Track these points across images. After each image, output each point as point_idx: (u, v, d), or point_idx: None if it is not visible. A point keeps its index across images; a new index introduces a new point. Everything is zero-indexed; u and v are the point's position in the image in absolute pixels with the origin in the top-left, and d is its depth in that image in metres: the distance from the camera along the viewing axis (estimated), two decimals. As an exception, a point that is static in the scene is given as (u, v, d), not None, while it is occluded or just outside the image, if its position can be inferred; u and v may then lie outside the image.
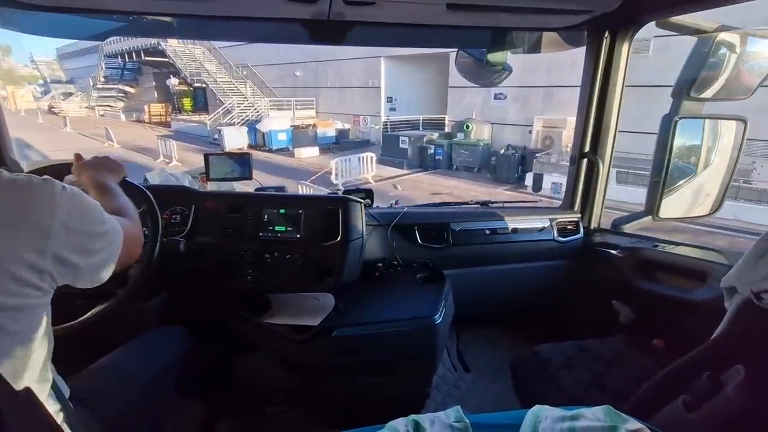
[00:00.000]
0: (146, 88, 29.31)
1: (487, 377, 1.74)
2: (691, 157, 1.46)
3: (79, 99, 33.85)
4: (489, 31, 1.48)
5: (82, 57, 32.61)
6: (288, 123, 16.36)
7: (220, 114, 18.86)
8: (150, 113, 25.90)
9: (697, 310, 1.24)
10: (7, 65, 55.64)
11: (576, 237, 1.70)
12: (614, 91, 1.54)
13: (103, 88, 30.11)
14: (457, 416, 0.65)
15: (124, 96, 31.07)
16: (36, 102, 36.78)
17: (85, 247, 0.66)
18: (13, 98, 36.14)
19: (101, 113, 30.38)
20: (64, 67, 41.24)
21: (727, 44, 1.25)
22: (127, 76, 29.86)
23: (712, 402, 0.67)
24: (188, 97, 26.01)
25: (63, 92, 36.86)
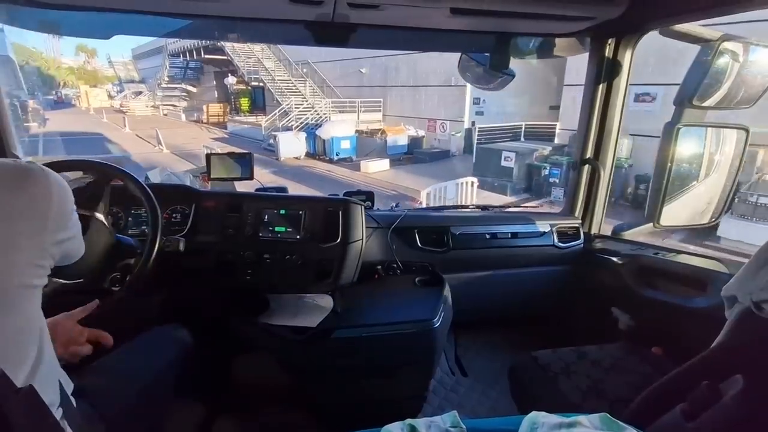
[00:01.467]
0: (207, 87, 28.84)
1: (485, 382, 1.74)
2: (692, 165, 1.46)
3: (145, 98, 34.45)
4: (492, 36, 1.49)
5: (153, 57, 32.66)
6: (353, 128, 14.13)
7: (277, 116, 17.14)
8: (208, 113, 25.49)
9: (697, 319, 1.24)
10: (91, 67, 60.45)
11: (576, 243, 1.70)
12: (617, 97, 1.54)
13: (167, 87, 30.38)
14: (453, 421, 0.64)
15: (187, 95, 31.08)
16: (110, 101, 38.15)
17: (67, 222, 0.69)
18: (86, 97, 37.70)
19: (164, 112, 30.74)
20: (137, 67, 42.47)
21: (730, 53, 1.25)
22: (190, 76, 29.74)
23: (710, 411, 0.67)
24: (246, 97, 25.06)
25: (134, 91, 37.61)
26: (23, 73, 51.62)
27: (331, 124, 14.26)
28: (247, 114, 23.85)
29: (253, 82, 20.87)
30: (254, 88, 22.89)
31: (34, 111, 24.90)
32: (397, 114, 16.15)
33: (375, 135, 14.31)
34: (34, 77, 51.53)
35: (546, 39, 1.59)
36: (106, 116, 27.05)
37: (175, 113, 29.43)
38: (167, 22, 1.37)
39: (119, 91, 40.68)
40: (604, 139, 1.59)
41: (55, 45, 55.65)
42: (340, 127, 13.91)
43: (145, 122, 24.24)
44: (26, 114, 22.50)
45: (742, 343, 0.76)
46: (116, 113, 30.16)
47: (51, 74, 54.88)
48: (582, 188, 1.69)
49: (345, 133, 13.57)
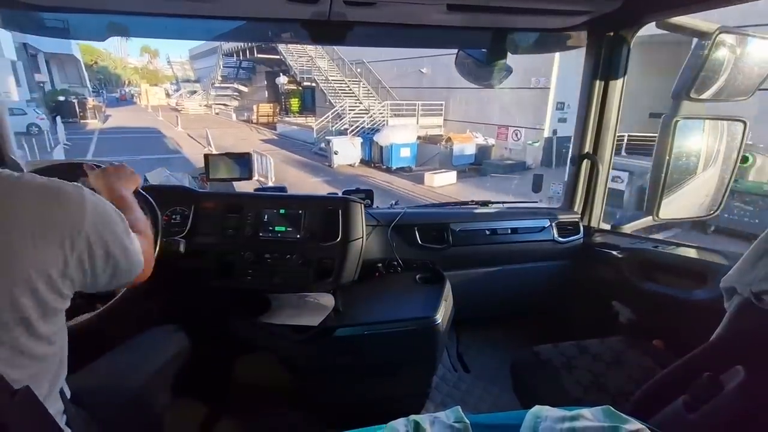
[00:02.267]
0: (258, 87, 28.34)
1: (487, 378, 1.74)
2: (691, 158, 1.46)
3: (199, 97, 34.82)
4: (489, 31, 1.49)
5: (209, 57, 32.86)
6: (414, 135, 12.47)
7: (329, 119, 15.91)
8: (258, 113, 25.11)
9: (697, 311, 1.24)
10: (153, 67, 65.24)
11: (576, 237, 1.70)
12: (614, 91, 1.54)
13: (220, 86, 30.35)
14: (457, 416, 0.65)
15: (238, 95, 30.99)
16: (167, 99, 39.26)
17: (107, 257, 0.66)
18: (145, 95, 38.93)
19: (216, 111, 30.85)
20: (193, 67, 43.19)
21: (727, 45, 1.25)
22: (242, 75, 29.45)
23: (712, 403, 0.67)
24: (296, 97, 24.58)
25: (189, 90, 38.21)
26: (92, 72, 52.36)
27: (391, 129, 12.61)
28: (297, 115, 23.47)
29: (305, 82, 19.76)
30: (305, 88, 22.25)
31: (96, 108, 25.26)
32: (460, 119, 14.46)
33: (438, 142, 12.57)
34: (102, 76, 55.37)
35: (543, 34, 1.59)
36: (161, 114, 27.21)
37: (226, 112, 29.72)
38: (164, 23, 1.37)
39: (176, 90, 41.71)
40: (602, 133, 1.60)
41: (123, 46, 60.70)
42: (401, 132, 12.18)
43: (198, 121, 24.12)
44: (84, 111, 22.96)
45: (742, 333, 0.76)
46: (171, 111, 30.46)
47: (117, 73, 59.40)
48: (581, 183, 1.69)
49: (405, 140, 11.96)
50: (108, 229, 0.66)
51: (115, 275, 0.70)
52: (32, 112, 16.83)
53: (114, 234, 0.67)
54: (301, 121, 20.20)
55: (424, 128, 14.64)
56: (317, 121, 16.69)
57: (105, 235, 0.65)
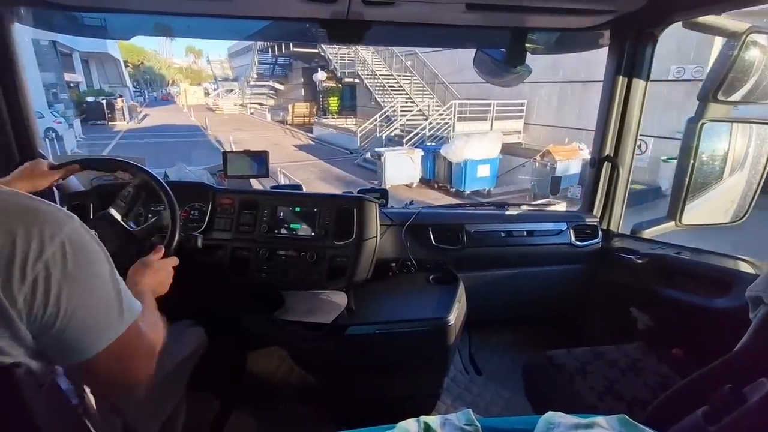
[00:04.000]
0: (294, 85, 26.33)
1: (499, 381, 1.72)
2: (717, 162, 1.41)
3: (235, 96, 34.46)
4: (508, 31, 1.47)
5: (246, 54, 30.89)
6: (497, 147, 9.19)
7: (377, 123, 13.17)
8: (293, 114, 22.90)
9: (719, 320, 1.20)
10: (197, 66, 67.52)
11: (594, 241, 1.67)
12: (637, 93, 1.50)
13: (255, 84, 29.05)
14: (468, 419, 0.64)
15: (274, 93, 29.53)
16: (205, 99, 39.47)
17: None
18: (184, 95, 39.20)
19: (251, 111, 30.03)
20: (232, 65, 43.18)
21: (758, 45, 1.20)
22: (278, 72, 27.43)
23: (733, 415, 0.65)
24: (335, 96, 21.88)
25: (227, 89, 38.27)
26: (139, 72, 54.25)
27: (465, 140, 9.10)
28: (336, 115, 21.04)
29: (345, 78, 16.80)
30: (345, 85, 19.50)
31: (131, 108, 25.05)
32: (548, 123, 10.90)
33: (515, 152, 9.60)
34: (148, 76, 57.55)
35: (564, 33, 1.56)
36: (194, 115, 26.41)
37: (261, 112, 28.31)
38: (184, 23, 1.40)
39: (215, 89, 41.80)
40: (623, 136, 1.56)
41: (168, 47, 63.39)
42: (479, 144, 8.86)
43: (231, 122, 23.28)
44: (113, 112, 22.37)
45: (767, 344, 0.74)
46: (207, 111, 29.88)
47: (162, 73, 61.33)
48: (600, 186, 1.66)
49: (485, 154, 8.78)
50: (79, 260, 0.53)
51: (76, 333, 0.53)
52: (50, 115, 16.07)
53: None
54: (341, 123, 18.15)
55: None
56: (360, 125, 14.29)
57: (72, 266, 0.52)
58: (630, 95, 1.50)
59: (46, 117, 15.69)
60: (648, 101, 1.45)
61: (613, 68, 1.50)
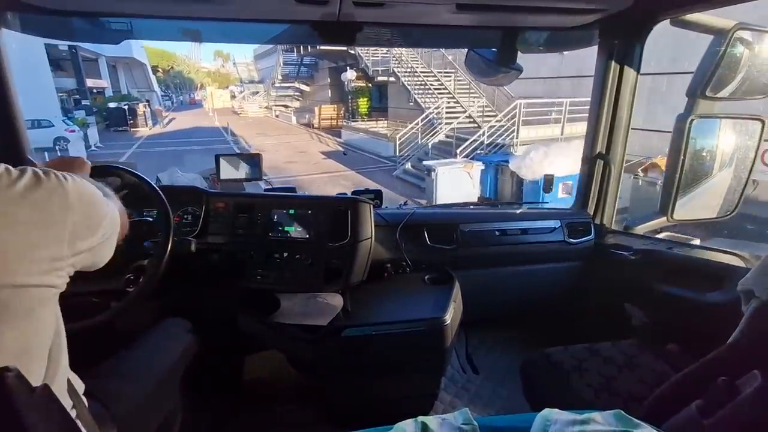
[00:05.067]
0: (320, 86, 25.02)
1: (496, 379, 1.73)
2: (706, 158, 1.43)
3: (260, 98, 34.05)
4: (499, 31, 1.47)
5: (272, 55, 30.65)
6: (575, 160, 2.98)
7: (419, 127, 11.32)
8: (320, 116, 21.61)
9: (712, 314, 1.22)
10: (225, 70, 68.21)
11: (587, 239, 1.68)
12: (627, 91, 1.51)
13: (280, 86, 28.28)
14: (465, 418, 0.64)
15: (299, 95, 28.70)
16: (232, 102, 39.63)
17: (93, 232, 0.65)
18: (211, 98, 39.34)
19: (276, 114, 29.34)
20: (257, 67, 42.97)
21: (744, 42, 1.22)
22: (304, 73, 26.47)
23: (727, 408, 0.66)
24: (365, 97, 20.22)
25: (252, 92, 37.99)
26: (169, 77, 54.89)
27: (544, 151, 7.08)
28: (366, 118, 19.45)
29: (379, 76, 15.02)
30: (375, 84, 18.07)
31: (157, 112, 24.74)
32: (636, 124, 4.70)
33: (642, 174, 6.77)
34: (178, 80, 58.91)
35: (554, 33, 1.57)
36: (218, 119, 25.58)
37: (287, 115, 27.67)
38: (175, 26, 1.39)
39: (241, 92, 41.70)
40: (614, 133, 1.57)
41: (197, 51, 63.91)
42: (562, 158, 6.75)
43: (255, 126, 22.31)
44: (135, 118, 21.72)
45: (760, 338, 0.75)
46: (232, 114, 29.25)
47: (191, 77, 62.38)
48: (593, 183, 1.67)
49: (569, 169, 6.31)
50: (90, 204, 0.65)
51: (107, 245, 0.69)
52: (61, 123, 15.54)
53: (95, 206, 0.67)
54: (371, 126, 16.62)
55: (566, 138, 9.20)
56: (392, 128, 12.90)
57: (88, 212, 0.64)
58: (620, 93, 1.52)
59: (57, 126, 15.03)
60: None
61: (603, 66, 1.52)
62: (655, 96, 7.76)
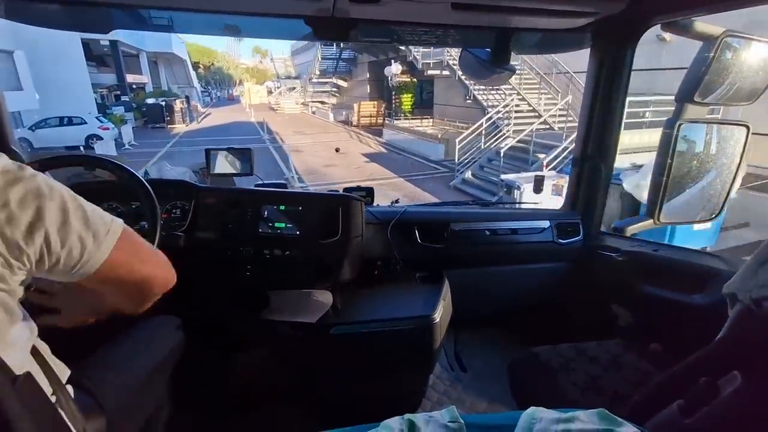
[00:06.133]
0: (359, 81, 23.81)
1: (484, 378, 1.74)
2: (693, 162, 1.45)
3: (296, 95, 33.57)
4: (493, 31, 1.48)
5: (309, 51, 29.59)
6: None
7: (483, 130, 9.74)
8: (359, 114, 20.18)
9: (697, 315, 1.24)
10: (263, 66, 68.91)
11: (576, 239, 1.70)
12: (618, 93, 1.53)
13: (318, 82, 27.21)
14: (452, 416, 0.65)
15: (337, 91, 27.52)
16: (268, 97, 39.84)
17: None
18: (248, 94, 39.58)
19: (313, 110, 28.57)
20: (294, 62, 42.49)
21: (732, 48, 1.24)
22: (342, 68, 25.09)
23: (708, 407, 0.67)
24: (409, 93, 18.58)
25: (289, 87, 37.64)
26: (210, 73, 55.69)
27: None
28: (409, 115, 17.90)
29: (430, 70, 13.30)
30: (422, 80, 16.52)
31: (192, 108, 24.24)
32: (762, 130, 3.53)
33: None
34: (218, 76, 60.15)
35: (547, 34, 1.58)
36: (254, 115, 24.71)
37: (324, 111, 26.68)
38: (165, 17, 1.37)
39: (278, 88, 41.58)
40: (605, 135, 1.59)
41: (236, 47, 66.12)
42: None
43: (291, 123, 21.40)
44: (172, 114, 21.33)
45: (741, 340, 0.76)
46: (269, 110, 28.71)
47: (230, 73, 63.66)
48: (583, 185, 1.69)
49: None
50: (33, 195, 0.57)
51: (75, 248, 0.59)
52: (94, 121, 15.04)
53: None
54: (415, 125, 15.08)
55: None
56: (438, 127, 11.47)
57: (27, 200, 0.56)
58: (612, 95, 1.54)
59: (90, 123, 14.69)
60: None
61: (595, 69, 1.53)
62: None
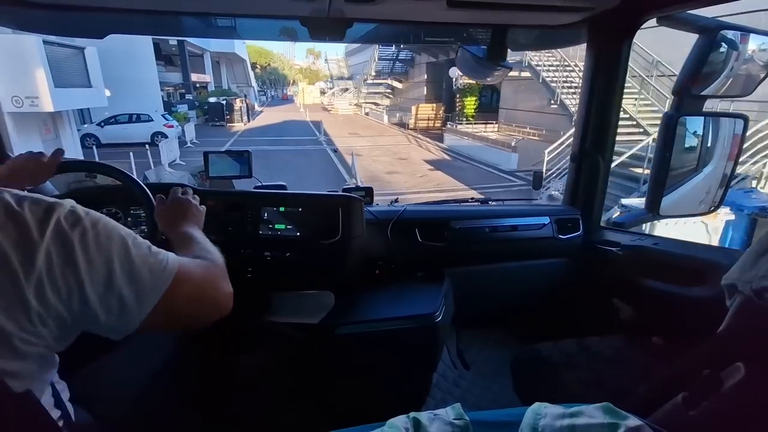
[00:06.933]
0: (415, 82, 23.06)
1: (487, 375, 1.74)
2: (692, 155, 1.45)
3: (350, 96, 33.72)
4: (489, 28, 1.48)
5: (363, 52, 29.76)
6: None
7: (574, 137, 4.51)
8: (416, 117, 19.40)
9: (698, 308, 1.24)
10: (315, 67, 73.11)
11: (576, 234, 1.70)
12: (615, 88, 1.53)
13: (373, 83, 26.78)
14: (457, 413, 0.65)
15: (391, 92, 27.17)
16: (321, 98, 40.81)
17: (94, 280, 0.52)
18: (302, 94, 41.35)
19: (366, 112, 28.47)
20: (348, 63, 43.34)
21: (729, 41, 1.24)
22: (398, 69, 24.69)
23: (711, 400, 0.67)
24: (473, 96, 17.68)
25: (342, 88, 38.00)
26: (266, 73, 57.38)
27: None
28: (472, 120, 16.97)
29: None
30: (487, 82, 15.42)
31: (249, 107, 24.50)
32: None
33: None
34: (273, 77, 62.18)
35: (543, 31, 1.58)
36: (308, 114, 24.90)
37: (378, 113, 26.25)
38: (161, 21, 1.36)
39: (330, 88, 42.14)
40: (603, 130, 1.59)
41: (291, 48, 68.91)
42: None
43: (346, 124, 21.18)
44: (231, 113, 21.67)
45: (743, 331, 0.76)
46: (322, 111, 28.96)
47: (285, 74, 66.21)
48: (582, 180, 1.69)
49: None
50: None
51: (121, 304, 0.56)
52: (160, 119, 15.38)
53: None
54: (478, 131, 13.99)
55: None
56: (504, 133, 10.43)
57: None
58: (608, 90, 1.54)
59: (156, 120, 15.02)
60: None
61: (591, 64, 1.53)
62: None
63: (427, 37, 1.80)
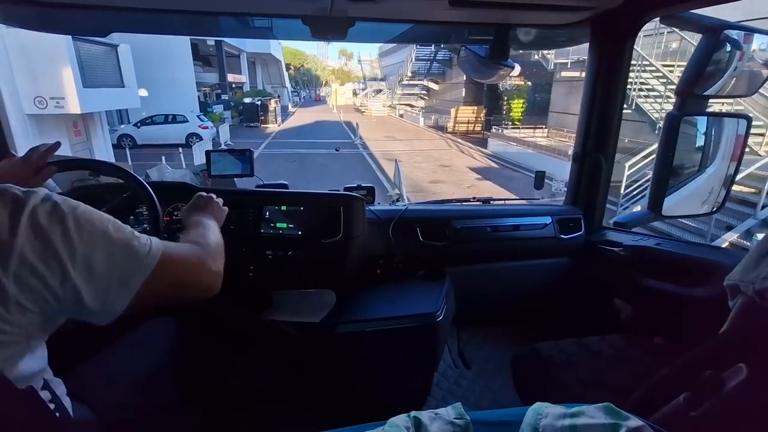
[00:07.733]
0: (453, 84, 21.87)
1: (488, 374, 1.74)
2: (694, 155, 1.45)
3: (384, 97, 33.61)
4: (491, 27, 1.48)
5: (397, 53, 28.90)
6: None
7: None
8: (455, 119, 18.36)
9: (700, 309, 1.24)
10: (348, 68, 74.75)
11: (578, 234, 1.70)
12: (618, 88, 1.53)
13: (408, 84, 26.11)
14: (458, 413, 0.65)
15: (426, 94, 26.57)
16: (353, 99, 41.34)
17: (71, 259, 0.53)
18: (335, 95, 42.15)
19: (400, 113, 27.99)
20: (381, 64, 42.67)
21: (732, 41, 1.24)
22: (435, 70, 23.74)
23: (713, 400, 0.67)
24: (521, 98, 16.58)
25: (375, 89, 38.00)
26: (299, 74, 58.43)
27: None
28: (518, 124, 15.71)
29: (565, 71, 11.58)
30: (537, 84, 14.62)
31: (283, 108, 24.75)
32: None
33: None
34: (306, 77, 63.94)
35: (545, 30, 1.58)
36: (342, 115, 24.51)
37: (412, 114, 25.50)
38: (163, 19, 1.37)
39: (363, 89, 42.32)
40: (605, 130, 1.59)
41: (324, 50, 70.23)
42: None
43: (380, 126, 20.62)
44: (266, 114, 21.61)
45: (745, 332, 0.76)
46: (355, 112, 28.82)
47: (317, 75, 68.01)
48: (584, 180, 1.69)
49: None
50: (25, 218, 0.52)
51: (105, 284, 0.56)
52: (195, 119, 15.33)
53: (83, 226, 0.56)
54: (526, 136, 12.80)
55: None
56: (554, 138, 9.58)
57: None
58: (611, 90, 1.53)
59: (191, 121, 15.02)
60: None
61: (594, 64, 1.53)
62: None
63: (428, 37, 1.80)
